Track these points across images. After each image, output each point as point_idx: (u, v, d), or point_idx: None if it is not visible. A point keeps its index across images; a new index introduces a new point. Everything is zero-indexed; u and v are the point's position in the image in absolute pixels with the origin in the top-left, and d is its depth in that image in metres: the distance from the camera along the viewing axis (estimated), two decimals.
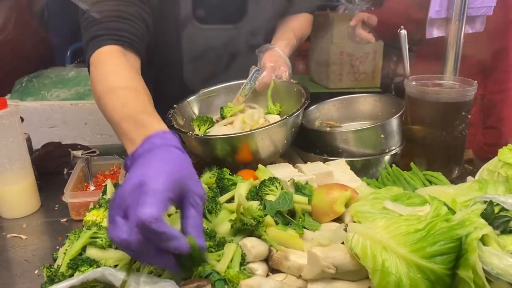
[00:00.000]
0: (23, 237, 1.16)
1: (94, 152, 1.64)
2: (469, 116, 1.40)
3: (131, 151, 0.84)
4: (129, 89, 1.04)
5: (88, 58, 1.15)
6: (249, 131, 1.22)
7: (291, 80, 1.46)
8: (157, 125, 0.90)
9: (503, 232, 0.80)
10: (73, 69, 2.16)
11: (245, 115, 1.38)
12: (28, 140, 1.43)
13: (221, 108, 1.47)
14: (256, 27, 1.65)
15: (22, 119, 1.35)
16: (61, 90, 2.00)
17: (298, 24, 1.65)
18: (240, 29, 1.61)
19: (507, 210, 0.83)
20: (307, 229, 1.02)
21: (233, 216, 0.96)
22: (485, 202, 0.85)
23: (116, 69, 1.08)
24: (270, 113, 1.40)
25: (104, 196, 1.05)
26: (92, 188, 1.33)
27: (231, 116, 1.43)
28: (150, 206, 0.66)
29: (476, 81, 1.41)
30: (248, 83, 1.45)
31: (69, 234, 0.92)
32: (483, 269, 0.72)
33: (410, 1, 1.89)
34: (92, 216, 0.94)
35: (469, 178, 1.25)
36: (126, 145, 0.92)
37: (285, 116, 1.25)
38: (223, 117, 1.45)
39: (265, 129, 1.21)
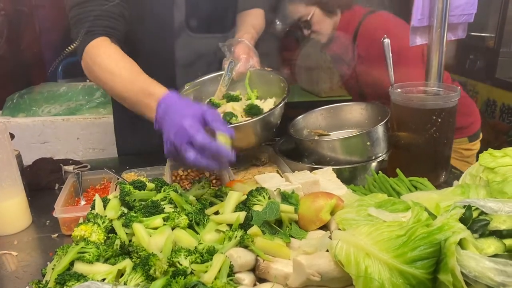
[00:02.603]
0: (14, 253, 1.16)
1: (86, 166, 1.65)
2: (455, 122, 1.42)
3: (154, 114, 1.17)
4: (129, 69, 1.30)
5: (82, 48, 1.37)
6: (266, 113, 1.37)
7: (265, 68, 1.60)
8: (160, 89, 1.21)
9: (482, 235, 0.82)
10: (64, 85, 2.18)
11: (234, 104, 1.50)
12: (18, 157, 1.43)
13: (209, 100, 1.59)
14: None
15: (12, 136, 1.36)
16: (53, 106, 2.01)
17: (255, 20, 1.80)
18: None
19: (486, 213, 0.85)
20: (294, 237, 1.03)
21: (220, 226, 0.98)
22: (464, 206, 0.86)
23: (114, 53, 1.34)
24: (250, 99, 1.54)
25: (92, 211, 1.06)
26: (83, 202, 1.34)
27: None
28: (199, 134, 1.02)
29: (459, 87, 1.44)
30: (226, 74, 1.59)
31: (57, 250, 0.93)
32: (462, 272, 0.73)
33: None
34: (80, 231, 0.95)
35: (455, 183, 1.27)
36: (143, 111, 1.24)
37: (281, 100, 1.42)
38: None
39: (267, 114, 1.37)
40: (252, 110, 1.45)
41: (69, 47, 1.44)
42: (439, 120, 1.39)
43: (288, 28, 2.51)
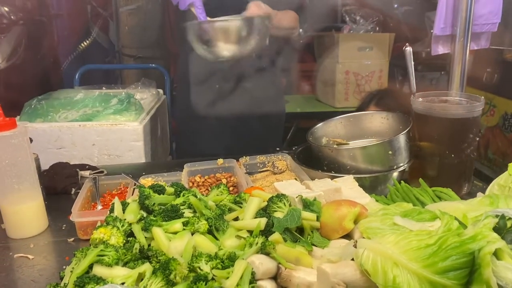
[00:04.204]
0: (30, 257, 1.15)
1: (102, 172, 1.64)
2: (479, 132, 1.39)
3: None
4: None
5: None
6: None
7: None
8: None
9: None
10: (81, 91, 2.18)
11: None
12: (37, 160, 1.43)
13: None
14: (262, 53, 1.71)
15: (31, 140, 1.36)
16: (70, 112, 2.01)
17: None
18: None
19: None
20: (316, 246, 1.00)
21: (240, 232, 0.95)
22: (497, 216, 0.83)
23: None
24: None
25: (111, 214, 1.04)
26: (99, 207, 1.33)
27: None
28: None
29: (483, 97, 1.41)
30: None
31: (76, 252, 0.92)
32: (498, 284, 0.70)
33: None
34: (99, 234, 0.94)
35: (479, 194, 1.23)
36: None
37: None
38: None
39: None
40: None
41: (82, 44, 1.46)
42: (463, 130, 1.36)
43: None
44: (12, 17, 3.23)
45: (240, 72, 1.95)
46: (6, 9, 3.23)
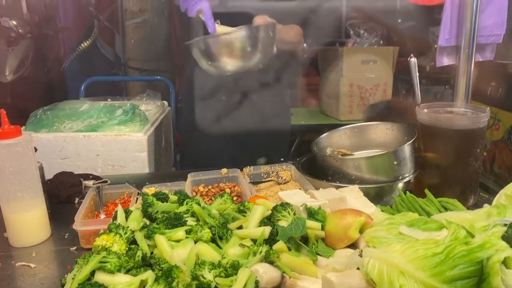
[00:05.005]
0: (32, 265, 1.14)
1: (106, 182, 1.64)
2: (485, 143, 1.38)
3: None
4: None
5: None
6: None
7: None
8: None
9: None
10: (87, 102, 2.19)
11: None
12: (41, 169, 1.43)
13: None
14: (267, 67, 1.71)
15: (35, 149, 1.36)
16: (75, 122, 2.01)
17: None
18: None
19: None
20: (321, 255, 0.99)
21: (244, 241, 0.94)
22: (505, 224, 0.82)
23: None
24: None
25: (115, 222, 1.04)
26: (102, 216, 1.32)
27: None
28: None
29: (488, 108, 1.40)
30: None
31: (78, 259, 0.91)
32: None
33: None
34: (102, 240, 0.93)
35: (486, 205, 1.22)
36: None
37: None
38: None
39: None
40: None
41: (82, 45, 1.48)
42: (469, 141, 1.35)
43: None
44: (20, 30, 3.27)
45: (245, 86, 1.95)
46: (14, 22, 3.27)
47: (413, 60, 1.46)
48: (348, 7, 3.34)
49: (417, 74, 1.46)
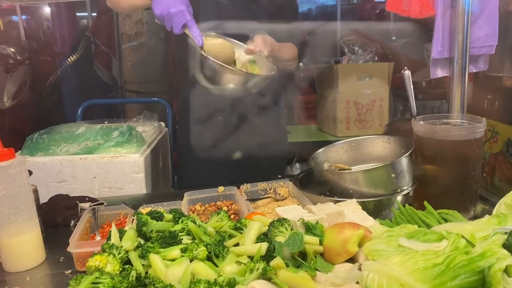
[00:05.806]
0: None
1: (102, 204, 1.62)
2: (482, 154, 1.37)
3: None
4: None
5: None
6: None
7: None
8: None
9: None
10: (83, 125, 2.19)
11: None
12: (35, 192, 1.41)
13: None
14: (263, 88, 1.71)
15: (30, 173, 1.35)
16: (71, 145, 2.01)
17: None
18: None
19: None
20: (320, 270, 0.97)
21: (240, 258, 0.92)
22: (505, 233, 0.80)
23: None
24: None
25: (108, 242, 1.02)
26: (98, 238, 1.30)
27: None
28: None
29: (484, 118, 1.39)
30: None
31: (70, 281, 0.88)
32: None
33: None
34: (95, 261, 0.91)
35: (486, 216, 1.20)
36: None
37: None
38: None
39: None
40: None
41: (70, 59, 1.50)
42: (466, 152, 1.34)
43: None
44: (18, 57, 3.31)
45: (242, 107, 1.95)
46: (12, 49, 3.31)
47: (407, 73, 1.47)
48: (343, 25, 3.38)
49: (412, 86, 1.47)
